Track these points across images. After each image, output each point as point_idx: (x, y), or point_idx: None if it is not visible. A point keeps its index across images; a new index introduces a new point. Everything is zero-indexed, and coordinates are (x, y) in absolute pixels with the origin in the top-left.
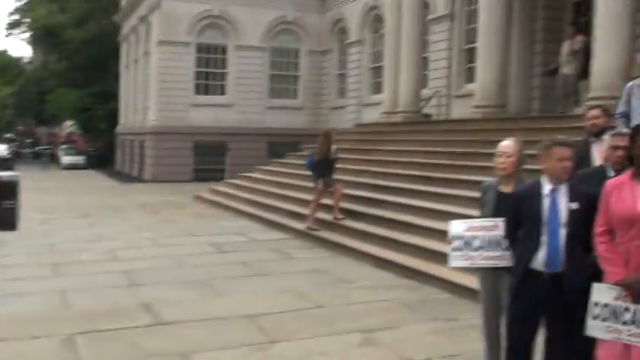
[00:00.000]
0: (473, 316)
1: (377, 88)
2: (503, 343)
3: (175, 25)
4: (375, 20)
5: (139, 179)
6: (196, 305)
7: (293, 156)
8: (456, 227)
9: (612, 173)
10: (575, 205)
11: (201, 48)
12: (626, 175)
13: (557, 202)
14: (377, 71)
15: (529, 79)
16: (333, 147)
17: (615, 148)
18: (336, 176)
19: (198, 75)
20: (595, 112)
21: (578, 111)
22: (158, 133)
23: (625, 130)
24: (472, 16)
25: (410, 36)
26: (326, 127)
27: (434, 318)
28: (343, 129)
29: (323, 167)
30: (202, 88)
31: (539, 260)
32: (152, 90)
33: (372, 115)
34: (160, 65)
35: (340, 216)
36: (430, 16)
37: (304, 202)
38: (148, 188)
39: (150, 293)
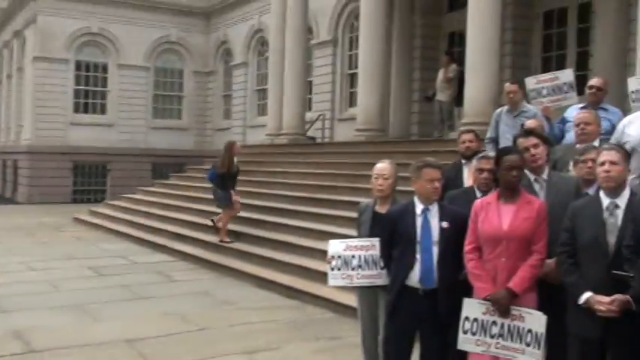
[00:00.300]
0: (356, 334)
1: (262, 110)
2: None
3: (52, 41)
4: (259, 43)
5: (12, 201)
6: (72, 331)
7: (177, 177)
8: (334, 247)
9: (479, 194)
10: (445, 224)
11: (80, 65)
12: (492, 196)
13: (429, 221)
14: (262, 93)
15: (408, 104)
16: (236, 159)
17: (481, 170)
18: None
19: (77, 93)
20: (469, 136)
21: (452, 135)
22: (33, 152)
23: (491, 154)
24: (354, 42)
25: (294, 60)
26: (214, 146)
27: (317, 337)
28: None
29: (225, 180)
30: (82, 107)
31: (414, 277)
32: (27, 107)
33: (257, 137)
34: (36, 82)
35: (227, 239)
36: (314, 41)
37: (188, 224)
38: (23, 210)
39: (21, 320)
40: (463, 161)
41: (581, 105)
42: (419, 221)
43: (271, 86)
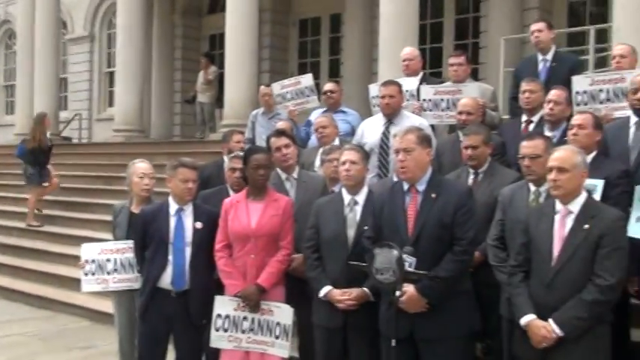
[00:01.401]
0: (112, 341)
1: (10, 108)
2: None
3: None
4: (6, 35)
5: None
6: None
7: None
8: (88, 250)
9: (233, 193)
10: (199, 225)
11: None
12: (241, 195)
13: (183, 222)
14: (9, 90)
15: (170, 105)
16: (49, 133)
17: (234, 169)
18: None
19: None
20: (240, 136)
21: (214, 137)
22: None
23: (240, 153)
24: (113, 40)
25: (45, 55)
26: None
27: (69, 348)
28: None
29: (37, 155)
30: None
31: (166, 279)
32: None
33: (4, 137)
34: None
35: (35, 223)
36: (68, 36)
37: None
38: None
39: None
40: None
41: (323, 109)
42: (172, 222)
43: (19, 83)
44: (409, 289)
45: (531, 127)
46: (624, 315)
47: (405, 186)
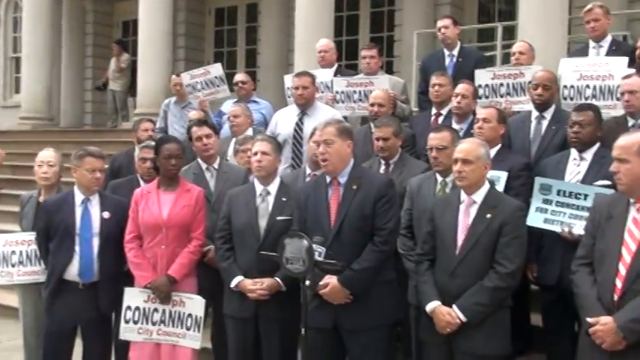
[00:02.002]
0: (16, 336)
1: None
2: None
3: None
4: None
5: None
6: None
7: None
8: None
9: (144, 183)
10: (106, 214)
11: None
12: (152, 185)
13: (90, 212)
14: None
15: (81, 92)
16: None
17: (144, 159)
18: None
19: None
20: (150, 124)
21: (126, 125)
22: None
23: (152, 143)
24: (19, 24)
25: None
26: None
27: None
28: None
29: None
30: None
31: (73, 271)
32: None
33: None
34: None
35: None
36: None
37: None
38: None
39: None
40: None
41: (235, 99)
42: (78, 212)
43: None
44: (332, 280)
45: (440, 119)
46: (525, 300)
47: (327, 179)
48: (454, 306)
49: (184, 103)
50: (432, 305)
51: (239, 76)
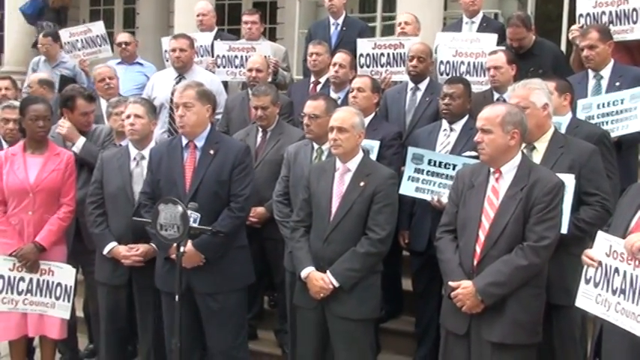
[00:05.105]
0: None
1: None
2: None
3: None
4: None
5: None
6: None
7: None
8: None
9: (6, 146)
10: None
11: None
12: (18, 147)
13: None
14: None
15: None
16: None
17: (7, 120)
18: None
19: None
20: (5, 82)
21: None
22: None
23: (16, 103)
24: None
25: None
26: None
27: None
28: None
29: None
30: None
31: None
32: None
33: None
34: None
35: None
36: None
37: None
38: None
39: None
40: None
41: (118, 60)
42: None
43: None
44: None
45: (319, 87)
46: (397, 265)
47: (184, 141)
48: (327, 271)
49: (55, 63)
50: (307, 271)
51: (122, 36)
